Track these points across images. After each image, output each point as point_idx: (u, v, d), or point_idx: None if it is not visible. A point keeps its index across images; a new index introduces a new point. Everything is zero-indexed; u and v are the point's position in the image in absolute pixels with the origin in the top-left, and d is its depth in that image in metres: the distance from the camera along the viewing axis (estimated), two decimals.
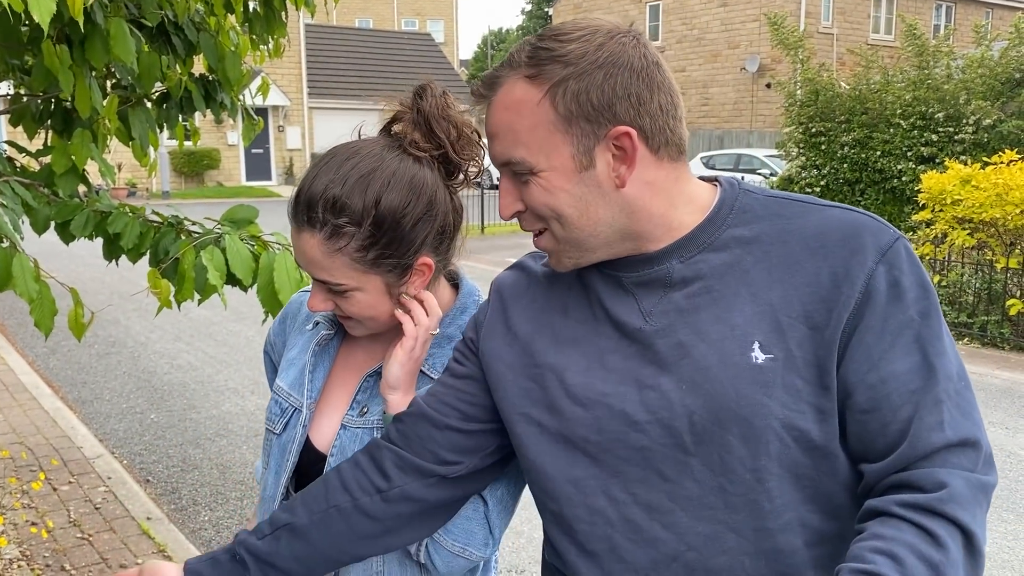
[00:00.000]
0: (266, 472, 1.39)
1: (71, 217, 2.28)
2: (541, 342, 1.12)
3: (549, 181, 1.01)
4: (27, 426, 5.33)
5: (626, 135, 0.98)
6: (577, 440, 1.06)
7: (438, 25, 46.76)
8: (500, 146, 1.03)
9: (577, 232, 1.03)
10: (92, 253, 2.42)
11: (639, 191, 1.02)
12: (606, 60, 0.98)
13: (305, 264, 1.22)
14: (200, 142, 25.09)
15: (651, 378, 1.02)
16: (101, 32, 2.42)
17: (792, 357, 0.97)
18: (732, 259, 1.02)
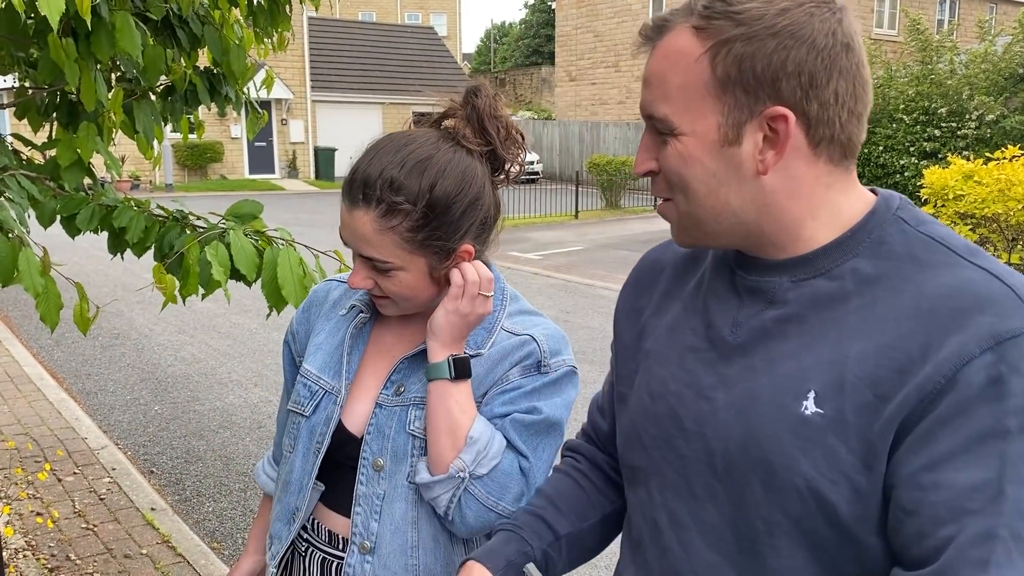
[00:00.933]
0: (291, 456, 1.41)
1: (77, 211, 2.29)
2: (652, 326, 1.10)
3: (687, 147, 0.92)
4: (32, 417, 5.36)
5: (783, 118, 0.88)
6: (640, 428, 1.06)
7: (441, 19, 46.68)
8: (648, 96, 0.94)
9: (700, 211, 0.94)
10: (96, 246, 2.44)
11: (780, 185, 0.91)
12: (784, 28, 0.86)
13: (355, 241, 1.26)
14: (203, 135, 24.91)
15: (711, 390, 0.98)
16: (107, 25, 2.43)
17: (843, 421, 0.86)
18: (839, 294, 0.91)
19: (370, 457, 1.32)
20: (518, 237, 14.68)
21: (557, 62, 31.19)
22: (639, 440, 1.06)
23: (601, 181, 19.47)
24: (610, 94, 28.40)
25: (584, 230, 15.82)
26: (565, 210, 18.11)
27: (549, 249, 13.34)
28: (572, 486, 1.21)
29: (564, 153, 27.60)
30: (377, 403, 1.33)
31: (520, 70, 44.04)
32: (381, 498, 1.31)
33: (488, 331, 1.33)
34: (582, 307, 9.14)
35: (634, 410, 1.08)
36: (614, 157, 20.19)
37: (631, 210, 19.14)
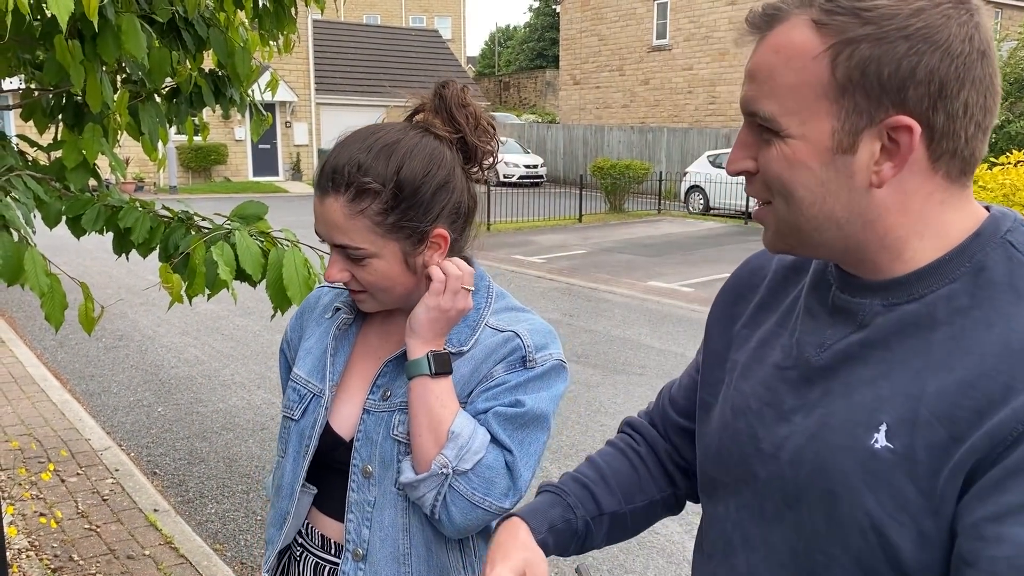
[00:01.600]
0: (283, 460, 1.42)
1: (82, 211, 2.30)
2: (743, 336, 1.07)
3: (794, 151, 0.85)
4: (35, 418, 5.37)
5: (906, 129, 0.81)
6: (722, 443, 1.03)
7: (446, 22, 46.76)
8: (753, 91, 0.87)
9: (802, 220, 0.88)
10: (100, 247, 2.46)
11: (891, 199, 0.85)
12: (918, 31, 0.79)
13: (328, 230, 1.27)
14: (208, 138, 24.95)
15: (791, 413, 0.93)
16: (113, 28, 2.44)
17: (914, 459, 0.81)
18: (927, 323, 0.85)
19: (360, 464, 1.32)
20: (522, 240, 14.69)
21: (561, 65, 31.21)
22: (719, 455, 1.03)
23: (605, 185, 19.47)
24: (614, 97, 28.41)
25: (588, 234, 15.82)
26: (569, 213, 18.11)
27: (553, 252, 13.35)
28: (626, 465, 1.19)
29: (568, 156, 27.61)
30: (365, 408, 1.33)
31: (524, 73, 44.10)
32: (372, 505, 1.31)
33: (472, 328, 1.32)
34: (585, 310, 9.14)
35: (717, 423, 1.05)
36: (618, 160, 20.19)
37: (635, 214, 19.13)
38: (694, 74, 25.39)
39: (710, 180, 18.86)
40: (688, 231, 16.23)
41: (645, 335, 7.83)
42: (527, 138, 29.08)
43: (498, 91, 43.44)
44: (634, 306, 9.40)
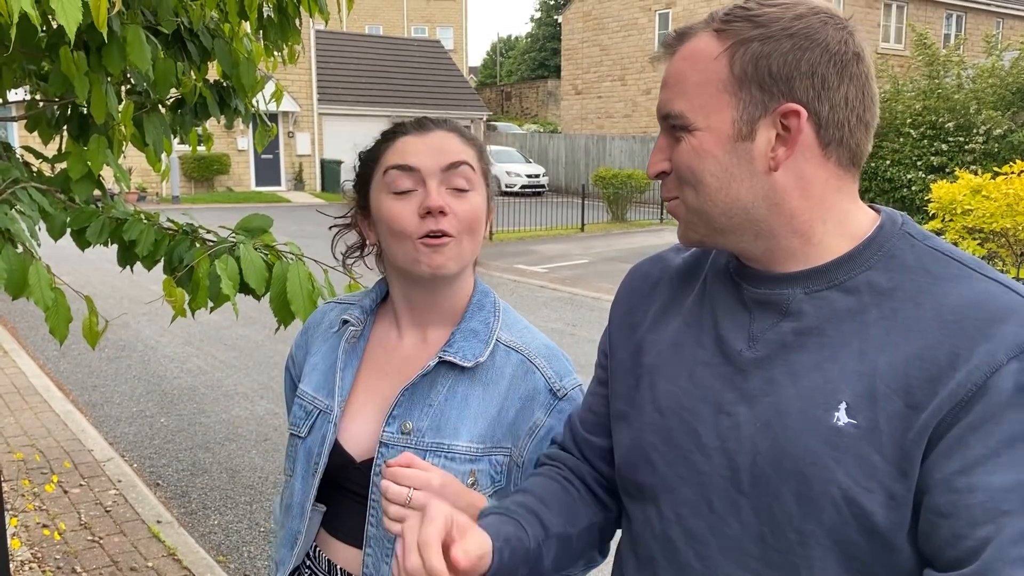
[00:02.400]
0: (292, 479, 1.39)
1: (87, 224, 2.30)
2: (651, 341, 1.10)
3: (701, 142, 0.94)
4: (38, 429, 5.36)
5: (795, 113, 0.91)
6: (647, 445, 1.05)
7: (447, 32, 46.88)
8: (665, 95, 0.98)
9: (711, 206, 0.96)
10: (103, 257, 2.45)
11: (790, 182, 0.94)
12: (799, 31, 0.91)
13: (441, 156, 1.28)
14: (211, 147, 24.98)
15: (731, 405, 0.97)
16: (118, 39, 2.44)
17: (877, 430, 0.87)
18: (857, 307, 0.93)
19: (379, 499, 1.25)
20: (524, 250, 14.69)
21: (563, 75, 31.29)
22: (646, 457, 1.04)
23: (607, 194, 19.49)
24: (616, 107, 28.46)
25: (590, 243, 15.83)
26: (571, 223, 18.12)
27: (555, 262, 13.35)
28: (560, 490, 1.18)
29: (570, 166, 27.65)
30: (382, 441, 1.29)
31: (526, 83, 44.21)
32: (392, 540, 1.26)
33: (484, 343, 1.31)
34: (587, 320, 9.12)
35: (640, 427, 1.06)
36: (620, 170, 20.21)
37: (637, 223, 19.14)
38: None
39: None
40: None
41: None
42: (529, 148, 29.13)
43: (500, 101, 43.53)
44: None
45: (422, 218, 1.25)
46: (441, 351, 1.30)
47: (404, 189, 1.26)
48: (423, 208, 1.24)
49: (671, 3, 26.30)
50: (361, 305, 1.42)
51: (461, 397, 1.30)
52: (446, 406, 1.29)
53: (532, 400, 1.31)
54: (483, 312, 1.36)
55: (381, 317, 1.43)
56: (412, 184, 1.26)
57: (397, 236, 1.27)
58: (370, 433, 1.32)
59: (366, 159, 1.35)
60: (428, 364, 1.29)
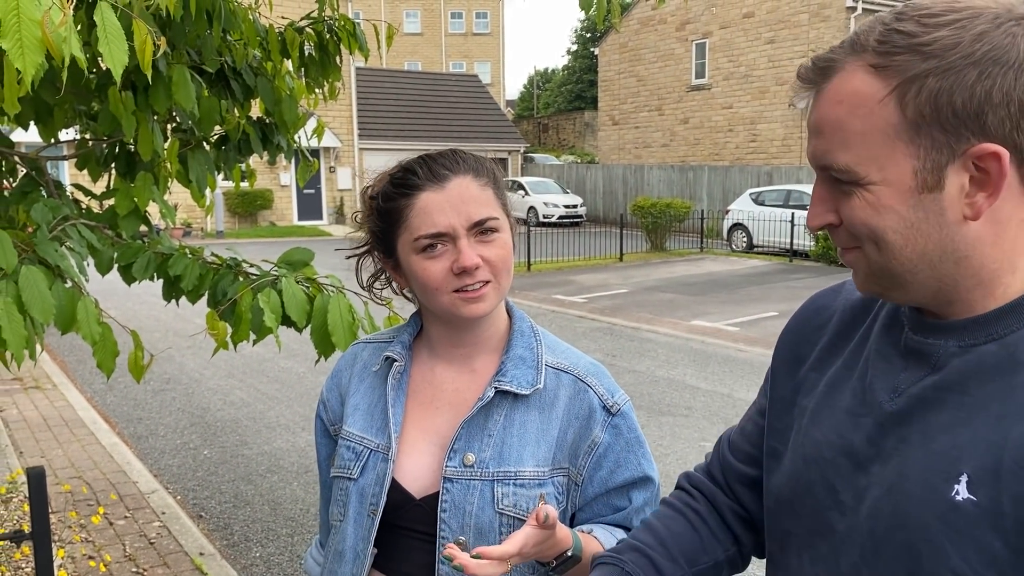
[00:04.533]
0: (343, 524, 1.36)
1: (134, 259, 2.35)
2: (811, 380, 1.02)
3: (878, 197, 0.82)
4: (85, 460, 5.45)
5: (993, 156, 0.77)
6: (793, 495, 0.99)
7: (485, 66, 47.49)
8: (823, 145, 0.85)
9: (896, 264, 0.84)
10: (148, 291, 2.50)
11: (985, 230, 0.81)
12: (985, 55, 0.76)
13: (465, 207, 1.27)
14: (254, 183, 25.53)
15: (868, 462, 0.89)
16: (164, 79, 2.51)
17: (999, 512, 0.76)
18: (1008, 365, 0.81)
19: (450, 536, 1.27)
20: (562, 280, 14.67)
21: (600, 106, 31.42)
22: (791, 506, 0.99)
23: (645, 223, 19.43)
24: (653, 137, 28.47)
25: (629, 273, 15.77)
26: (609, 253, 18.08)
27: (594, 292, 13.31)
28: (686, 526, 1.15)
29: (608, 196, 27.67)
30: (446, 476, 1.28)
31: (563, 115, 44.48)
32: None
33: (535, 369, 1.32)
34: (627, 350, 9.06)
35: (788, 473, 1.01)
36: (658, 199, 20.15)
37: (676, 252, 19.04)
38: (734, 112, 25.37)
39: (753, 218, 18.72)
40: (732, 269, 16.09)
41: (690, 375, 7.73)
42: (566, 178, 29.22)
43: (537, 133, 43.83)
44: (678, 346, 9.30)
45: (456, 275, 1.26)
46: (496, 381, 1.30)
47: (435, 253, 1.27)
48: (457, 267, 1.25)
49: (708, 33, 26.34)
50: (400, 341, 1.41)
51: (519, 424, 1.30)
52: (505, 435, 1.29)
53: (589, 419, 1.32)
54: (525, 338, 1.36)
55: (418, 351, 1.42)
56: (442, 244, 1.27)
57: (432, 292, 1.28)
58: (428, 468, 1.31)
59: (386, 212, 1.32)
60: (485, 395, 1.29)
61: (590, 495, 1.32)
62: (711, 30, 26.23)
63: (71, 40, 1.38)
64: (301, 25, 3.32)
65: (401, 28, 45.48)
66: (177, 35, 2.63)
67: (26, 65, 1.34)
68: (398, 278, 1.38)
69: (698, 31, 26.74)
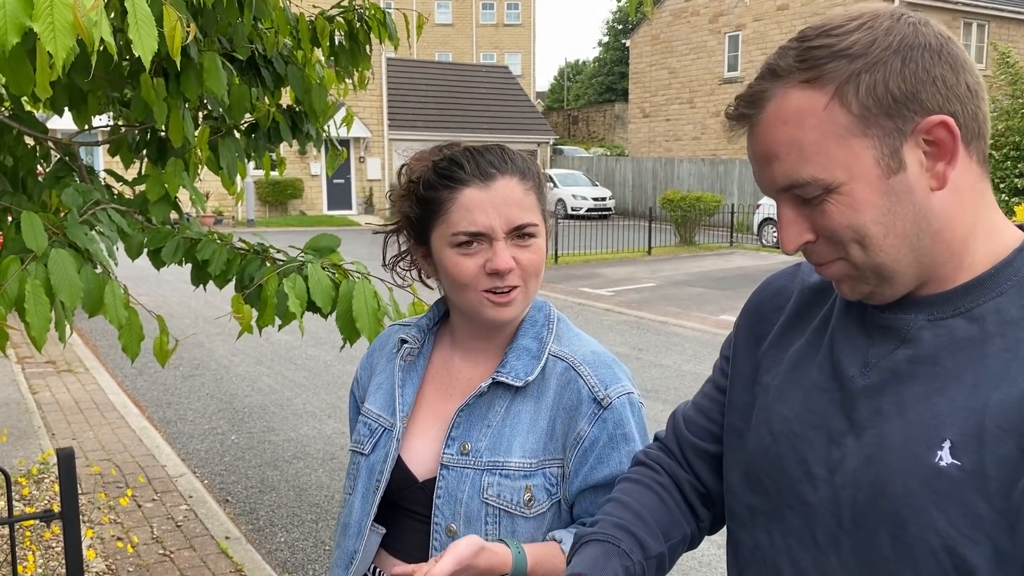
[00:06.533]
0: (351, 497, 1.39)
1: (163, 244, 2.37)
2: (772, 358, 1.05)
3: (852, 196, 0.86)
4: (115, 444, 5.53)
5: (942, 124, 0.83)
6: (760, 470, 1.01)
7: (516, 58, 47.39)
8: (781, 167, 0.88)
9: (882, 255, 0.87)
10: (179, 278, 2.53)
11: (950, 198, 0.86)
12: (901, 43, 0.84)
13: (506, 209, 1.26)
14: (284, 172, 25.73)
15: (840, 435, 0.92)
16: (195, 66, 2.53)
17: (984, 475, 0.80)
18: (979, 337, 0.85)
19: (443, 522, 1.29)
20: (590, 273, 14.63)
21: (631, 99, 31.24)
22: (759, 481, 1.01)
23: (675, 217, 19.31)
24: (684, 130, 28.27)
25: (657, 266, 15.69)
26: (638, 246, 18.00)
27: (621, 285, 13.25)
28: (656, 501, 1.16)
29: (637, 189, 27.52)
30: (443, 464, 1.30)
31: (593, 107, 44.30)
32: None
33: (537, 359, 1.31)
34: (655, 344, 9.02)
35: (753, 449, 1.03)
36: (688, 193, 20.02)
37: (705, 246, 18.91)
38: None
39: None
40: (762, 264, 15.95)
41: None
42: (595, 171, 29.11)
43: (567, 125, 43.70)
44: (705, 340, 9.24)
45: (488, 275, 1.25)
46: (495, 372, 1.31)
47: (471, 251, 1.26)
48: (490, 268, 1.25)
49: (741, 25, 26.08)
50: (419, 325, 1.42)
51: (515, 414, 1.30)
52: (503, 425, 1.29)
53: (576, 410, 1.29)
54: (536, 327, 1.35)
55: (441, 336, 1.43)
56: (478, 243, 1.26)
57: (461, 287, 1.28)
58: (433, 453, 1.33)
59: (426, 200, 1.29)
60: (481, 386, 1.30)
61: (575, 490, 1.30)
62: (744, 22, 25.95)
63: (102, 24, 1.39)
64: (332, 13, 3.33)
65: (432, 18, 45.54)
66: (208, 22, 2.65)
67: (57, 48, 1.35)
68: (426, 266, 1.37)
69: (731, 23, 26.47)
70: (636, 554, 1.08)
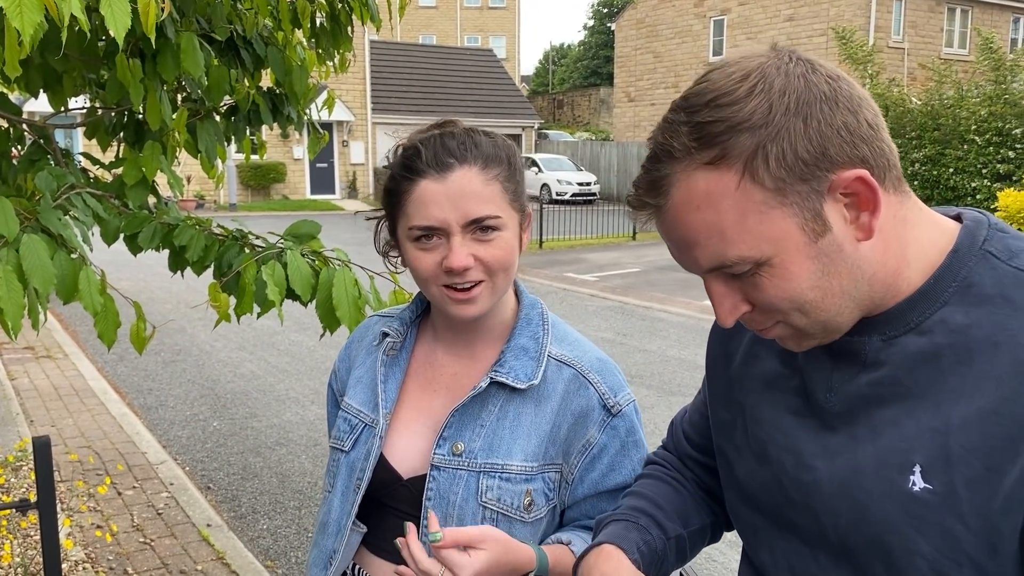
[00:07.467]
0: (330, 495, 1.35)
1: (140, 229, 2.32)
2: (743, 376, 1.04)
3: (784, 268, 0.83)
4: (95, 430, 5.47)
5: (857, 180, 0.81)
6: (751, 494, 1.01)
7: (500, 41, 47.12)
8: (704, 252, 0.85)
9: (823, 315, 0.86)
10: (160, 263, 2.49)
11: (876, 244, 0.84)
12: (797, 102, 0.80)
13: (463, 202, 1.19)
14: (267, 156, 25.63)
15: (812, 458, 0.91)
16: (172, 46, 2.47)
17: (955, 497, 0.79)
18: (932, 350, 0.83)
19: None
20: (575, 258, 14.61)
21: (616, 83, 31.17)
22: (754, 503, 1.01)
23: None
24: None
25: (642, 252, 15.69)
26: (622, 231, 18.00)
27: (606, 270, 13.25)
28: (672, 492, 1.17)
29: (622, 174, 27.50)
30: (433, 464, 1.25)
31: (578, 91, 44.16)
32: None
33: (536, 361, 1.27)
34: (639, 330, 9.02)
35: (742, 473, 1.02)
36: None
37: None
38: None
39: None
40: None
41: (701, 355, 7.65)
42: (580, 156, 29.06)
43: (552, 109, 43.55)
44: (690, 325, 9.25)
45: (446, 272, 1.20)
46: (492, 371, 1.26)
47: (428, 245, 1.21)
48: (445, 266, 1.19)
49: (726, 10, 26.03)
50: (401, 317, 1.38)
51: (513, 416, 1.26)
52: (498, 426, 1.25)
53: (585, 417, 1.27)
54: (532, 326, 1.31)
55: (424, 329, 1.39)
56: (435, 237, 1.20)
57: (423, 282, 1.24)
58: (419, 451, 1.28)
59: (389, 191, 1.26)
60: (479, 385, 1.25)
61: (580, 495, 1.29)
62: (729, 7, 25.91)
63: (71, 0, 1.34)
64: None
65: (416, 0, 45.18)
66: (186, 2, 2.58)
67: (24, 24, 1.30)
68: (403, 256, 1.33)
69: (716, 7, 26.42)
70: (654, 530, 1.10)
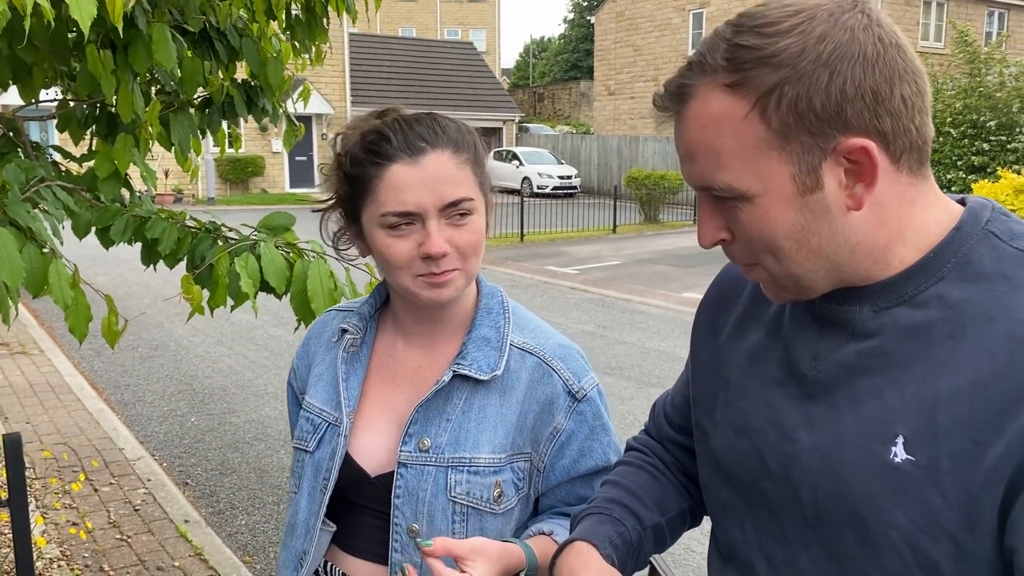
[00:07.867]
0: (297, 496, 1.33)
1: (111, 222, 2.29)
2: (730, 350, 1.03)
3: (764, 208, 0.83)
4: (71, 427, 5.42)
5: (862, 150, 0.79)
6: (726, 468, 1.00)
7: (480, 34, 47.01)
8: (698, 169, 0.86)
9: (796, 267, 0.86)
10: (137, 257, 2.46)
11: (869, 215, 0.83)
12: (831, 54, 0.78)
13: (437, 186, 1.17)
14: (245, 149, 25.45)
15: (794, 429, 0.90)
16: (143, 37, 2.43)
17: (938, 470, 0.78)
18: (924, 323, 0.82)
19: (403, 523, 1.23)
20: (555, 251, 14.62)
21: (596, 76, 31.18)
22: (728, 477, 1.00)
23: (639, 195, 19.36)
24: (649, 108, 28.29)
25: (622, 244, 15.73)
26: (603, 224, 18.03)
27: (586, 264, 13.27)
28: (649, 479, 1.17)
29: (602, 167, 27.53)
30: (400, 461, 1.24)
31: (559, 85, 44.15)
32: (419, 566, 1.21)
33: (498, 351, 1.26)
34: (619, 322, 9.04)
35: (719, 447, 1.01)
36: (652, 171, 20.06)
37: (670, 224, 18.99)
38: None
39: None
40: None
41: (681, 347, 7.69)
42: (561, 149, 29.06)
43: (532, 102, 43.51)
44: (669, 318, 9.29)
45: (423, 259, 1.18)
46: (455, 364, 1.24)
47: (402, 232, 1.18)
48: (423, 252, 1.17)
49: (705, 3, 26.08)
50: (360, 312, 1.35)
51: (478, 408, 1.24)
52: (464, 419, 1.24)
53: (551, 404, 1.26)
54: (492, 315, 1.30)
55: (384, 323, 1.36)
56: (410, 223, 1.18)
57: (395, 271, 1.21)
58: (384, 447, 1.27)
59: (353, 177, 1.21)
60: (442, 379, 1.24)
61: (553, 482, 1.28)
62: (708, 0, 25.95)
63: None
64: None
65: None
66: None
67: None
68: (362, 245, 1.29)
69: (695, 1, 26.47)
70: (629, 521, 1.09)
